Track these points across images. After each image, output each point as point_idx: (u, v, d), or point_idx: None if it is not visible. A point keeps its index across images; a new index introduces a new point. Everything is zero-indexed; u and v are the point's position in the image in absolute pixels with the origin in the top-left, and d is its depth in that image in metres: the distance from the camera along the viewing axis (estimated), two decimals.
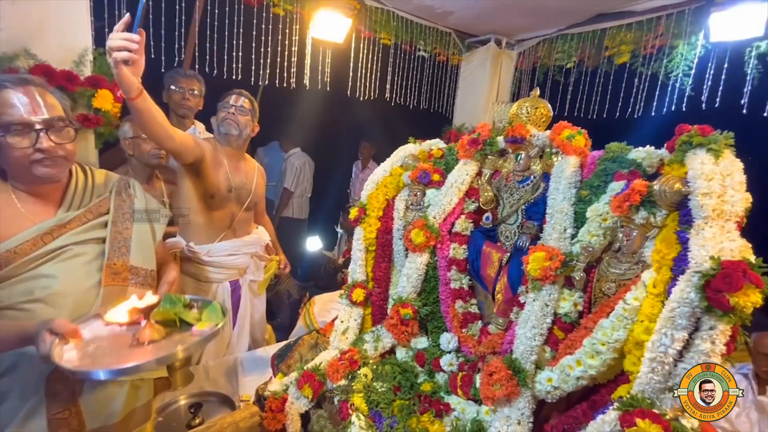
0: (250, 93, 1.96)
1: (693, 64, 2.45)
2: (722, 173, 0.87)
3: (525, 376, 1.04)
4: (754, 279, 0.72)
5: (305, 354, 1.59)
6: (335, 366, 1.38)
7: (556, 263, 1.07)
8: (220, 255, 1.89)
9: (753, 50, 2.23)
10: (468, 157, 1.50)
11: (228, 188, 1.89)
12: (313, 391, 1.34)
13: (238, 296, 1.99)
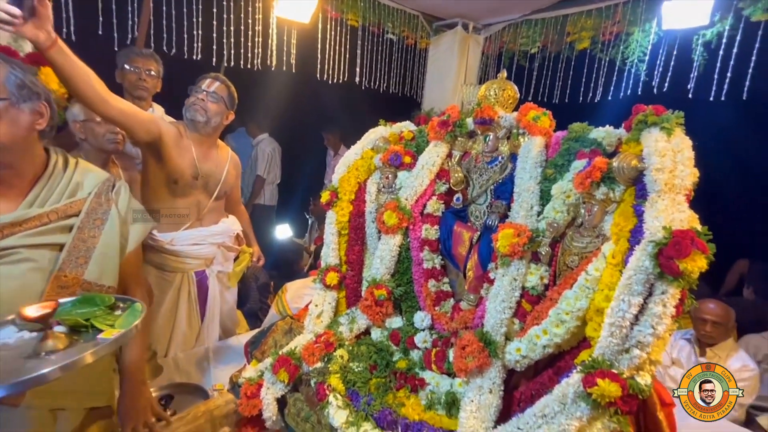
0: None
1: (647, 50, 2.58)
2: (673, 150, 0.93)
3: (495, 347, 1.08)
4: (700, 246, 0.79)
5: (280, 340, 1.58)
6: (311, 349, 1.38)
7: (524, 239, 1.11)
8: (184, 244, 1.82)
9: (699, 38, 2.38)
10: (438, 139, 1.52)
11: (194, 175, 1.81)
12: (289, 375, 1.33)
13: (205, 287, 1.94)
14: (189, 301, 1.88)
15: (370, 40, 3.12)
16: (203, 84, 1.82)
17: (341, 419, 1.16)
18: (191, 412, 1.28)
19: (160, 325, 1.84)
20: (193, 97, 1.81)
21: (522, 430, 0.95)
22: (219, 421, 1.33)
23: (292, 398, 1.36)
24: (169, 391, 1.57)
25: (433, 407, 1.18)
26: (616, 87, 2.70)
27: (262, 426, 1.36)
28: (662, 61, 2.53)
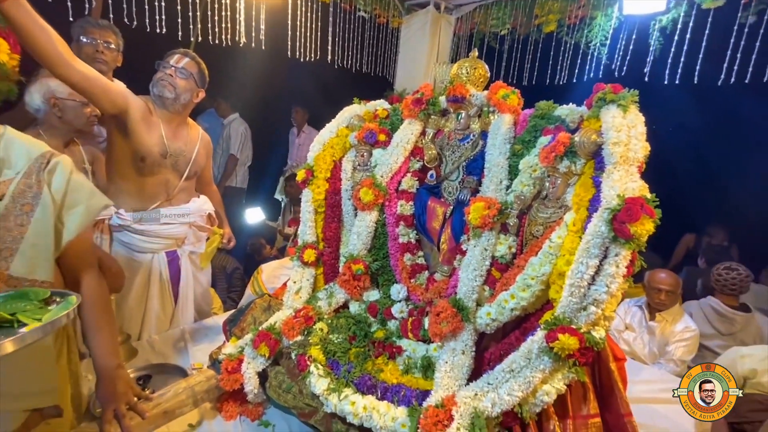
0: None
1: (608, 34, 2.69)
2: (628, 125, 1.01)
3: (468, 312, 1.16)
4: (649, 211, 0.87)
5: (259, 317, 1.60)
6: (290, 323, 1.41)
7: (494, 211, 1.18)
8: (154, 224, 1.78)
9: (656, 24, 2.51)
10: (412, 117, 1.55)
11: (162, 153, 1.76)
12: (269, 349, 1.36)
13: (177, 267, 1.91)
14: (161, 282, 1.85)
15: (342, 17, 3.06)
16: (172, 59, 1.75)
17: (323, 386, 1.21)
18: (172, 389, 1.29)
19: (132, 308, 1.81)
20: (160, 73, 1.74)
21: (492, 385, 1.03)
22: (200, 396, 1.35)
23: (273, 371, 1.39)
24: (147, 371, 1.56)
25: (410, 371, 1.25)
26: (581, 70, 2.82)
27: (244, 400, 1.40)
28: (622, 45, 2.65)
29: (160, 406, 1.25)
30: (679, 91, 2.61)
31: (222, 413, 1.39)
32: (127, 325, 1.81)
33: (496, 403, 0.99)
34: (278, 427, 1.36)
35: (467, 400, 1.01)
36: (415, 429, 1.04)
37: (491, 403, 1.00)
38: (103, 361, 1.14)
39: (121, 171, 1.71)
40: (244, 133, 4.15)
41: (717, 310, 2.61)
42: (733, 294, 2.55)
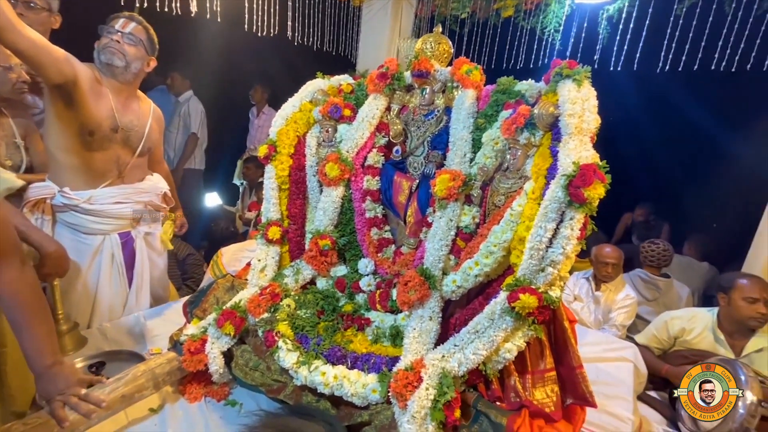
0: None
1: (562, 21, 2.81)
2: (582, 99, 1.07)
3: (434, 281, 1.20)
4: (600, 176, 0.94)
5: (222, 297, 1.55)
6: (256, 301, 1.38)
7: (459, 183, 1.22)
8: (105, 203, 1.65)
9: (604, 13, 2.65)
10: (377, 92, 1.54)
11: (112, 127, 1.62)
12: (234, 327, 1.33)
13: (131, 250, 1.79)
14: (113, 266, 1.73)
15: None
16: (117, 24, 1.60)
17: (292, 360, 1.21)
18: (130, 372, 1.23)
19: (81, 294, 1.68)
20: (106, 39, 1.58)
21: (458, 347, 1.08)
22: (162, 379, 1.29)
23: (239, 350, 1.36)
24: (100, 358, 1.47)
25: (379, 341, 1.28)
26: (536, 55, 2.93)
27: (208, 381, 1.36)
28: (574, 32, 2.79)
29: (117, 390, 1.18)
30: (623, 77, 2.80)
31: (185, 395, 1.34)
32: (76, 313, 1.68)
33: (462, 363, 1.04)
34: (246, 405, 1.34)
35: (435, 362, 1.06)
36: (385, 393, 1.07)
37: (458, 363, 1.05)
38: (36, 362, 1.04)
39: (65, 146, 1.56)
40: (203, 111, 3.92)
41: (643, 279, 2.90)
42: (657, 266, 2.84)
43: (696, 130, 3.64)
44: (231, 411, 1.30)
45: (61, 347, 1.48)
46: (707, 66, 2.43)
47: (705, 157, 3.72)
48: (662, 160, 3.92)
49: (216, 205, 4.34)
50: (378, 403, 1.10)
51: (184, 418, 1.27)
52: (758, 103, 2.17)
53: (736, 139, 3.06)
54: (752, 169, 2.39)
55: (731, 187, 3.14)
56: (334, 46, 3.50)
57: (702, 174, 3.76)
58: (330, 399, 1.18)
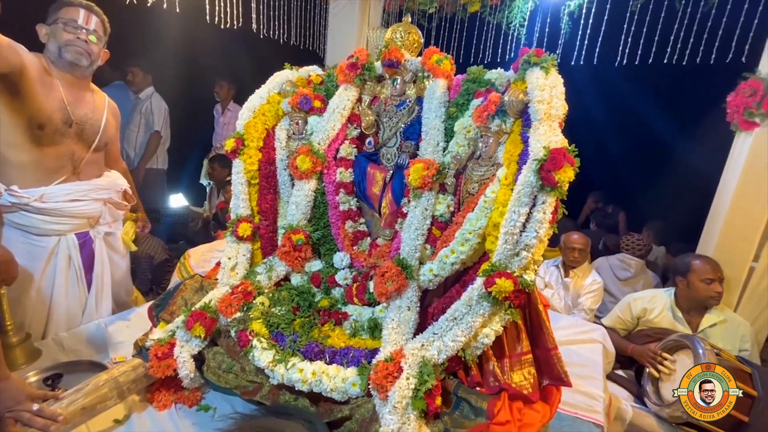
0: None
1: (526, 16, 2.88)
2: (550, 85, 1.10)
3: (411, 270, 1.19)
4: (570, 160, 0.97)
5: (190, 298, 1.48)
6: (228, 300, 1.33)
7: (433, 171, 1.21)
8: (60, 200, 1.52)
9: (566, 8, 2.74)
10: (348, 82, 1.52)
11: (65, 120, 1.50)
12: (205, 329, 1.27)
13: (90, 251, 1.67)
14: (70, 269, 1.61)
15: None
16: (77, 16, 1.48)
17: (267, 359, 1.17)
18: (91, 382, 1.14)
19: (34, 301, 1.55)
20: (69, 34, 1.47)
21: (437, 335, 1.08)
22: (127, 387, 1.21)
23: (211, 352, 1.30)
24: (57, 370, 1.36)
25: (357, 334, 1.26)
26: (503, 49, 2.99)
27: (178, 386, 1.29)
28: (538, 27, 2.87)
29: (77, 403, 1.10)
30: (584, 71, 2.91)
31: (154, 404, 1.27)
32: (29, 323, 1.55)
33: (441, 350, 1.04)
34: (220, 409, 1.28)
35: (415, 351, 1.05)
36: (366, 386, 1.05)
37: (437, 350, 1.04)
38: None
39: (13, 141, 1.42)
40: (166, 108, 3.72)
41: (621, 260, 3.05)
42: (636, 256, 3.01)
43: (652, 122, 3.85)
44: (204, 416, 1.24)
45: (10, 361, 1.37)
46: (660, 60, 2.57)
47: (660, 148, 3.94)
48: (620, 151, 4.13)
49: (182, 206, 4.16)
50: (358, 397, 1.08)
51: (153, 426, 1.20)
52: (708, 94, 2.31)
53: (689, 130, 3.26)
54: (703, 159, 2.55)
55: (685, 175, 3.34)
56: (302, 40, 3.42)
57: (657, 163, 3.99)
58: (308, 396, 1.15)
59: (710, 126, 2.45)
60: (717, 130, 2.36)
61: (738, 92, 2.20)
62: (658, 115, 3.72)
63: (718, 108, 2.30)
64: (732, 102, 2.24)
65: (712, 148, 2.46)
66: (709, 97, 2.30)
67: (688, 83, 2.73)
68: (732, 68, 2.23)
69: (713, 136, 2.46)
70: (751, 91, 2.13)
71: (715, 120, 2.34)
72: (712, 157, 2.45)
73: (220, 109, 4.26)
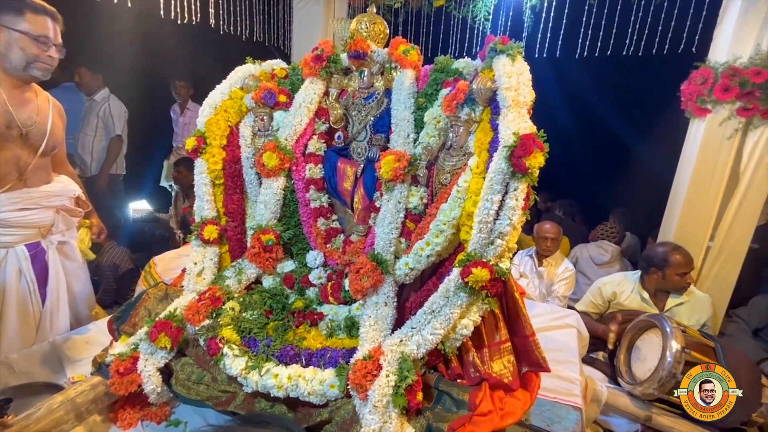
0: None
1: (490, 10, 2.92)
2: (517, 72, 1.09)
3: (387, 265, 1.16)
4: (539, 145, 0.96)
5: (154, 308, 1.39)
6: (195, 308, 1.25)
7: (404, 163, 1.19)
8: (6, 210, 1.40)
9: (528, 2, 2.80)
10: (314, 75, 1.47)
11: (8, 124, 1.38)
12: (171, 339, 1.20)
13: (43, 263, 1.54)
14: (21, 283, 1.48)
15: None
16: (48, 30, 1.40)
17: (240, 366, 1.11)
18: (44, 406, 1.05)
19: None
20: (34, 48, 1.38)
21: (415, 329, 1.05)
22: (86, 408, 1.12)
23: (179, 364, 1.23)
24: (5, 395, 1.24)
25: (334, 334, 1.22)
26: (469, 43, 3.02)
27: (145, 402, 1.21)
28: (502, 21, 2.91)
29: (28, 429, 1.01)
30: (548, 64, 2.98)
31: (118, 423, 1.18)
32: None
33: (420, 345, 1.02)
34: (191, 422, 1.21)
35: (394, 347, 1.02)
36: (344, 386, 1.02)
37: (416, 345, 1.02)
38: None
39: None
40: (126, 111, 3.51)
41: (598, 246, 3.16)
42: (612, 241, 3.11)
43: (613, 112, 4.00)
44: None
45: None
46: (619, 51, 2.66)
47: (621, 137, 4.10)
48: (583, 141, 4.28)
49: (145, 212, 3.96)
50: (337, 399, 1.05)
51: None
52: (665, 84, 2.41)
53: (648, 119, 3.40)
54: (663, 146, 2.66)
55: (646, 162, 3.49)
56: (266, 36, 3.32)
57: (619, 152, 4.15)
58: (286, 402, 1.10)
59: (667, 114, 2.57)
60: (674, 117, 2.47)
61: (690, 81, 2.31)
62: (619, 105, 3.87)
63: (674, 96, 2.40)
64: (685, 90, 2.35)
65: (670, 135, 2.57)
66: (667, 86, 2.41)
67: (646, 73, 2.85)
68: (685, 58, 2.34)
69: (671, 123, 2.57)
70: (703, 79, 2.24)
71: (671, 108, 2.45)
72: (670, 143, 2.56)
73: (178, 109, 4.07)
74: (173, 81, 3.91)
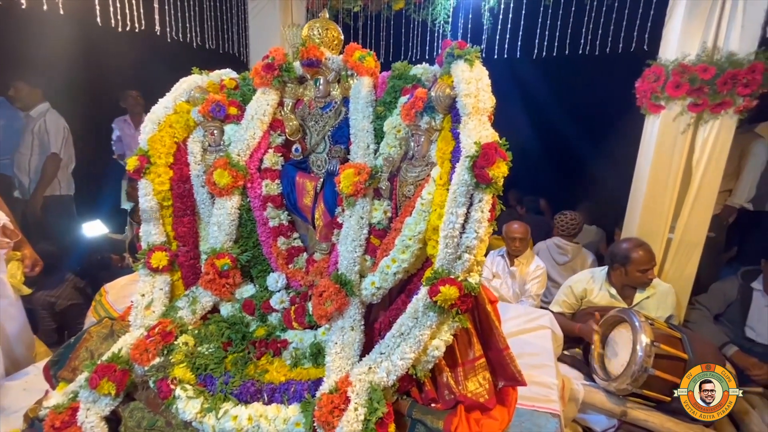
0: None
1: (450, 12, 2.91)
2: (475, 78, 1.05)
3: (351, 286, 1.09)
4: (502, 154, 0.92)
5: (97, 348, 1.25)
6: (142, 346, 1.14)
7: (365, 176, 1.12)
8: None
9: (486, 4, 2.81)
10: (265, 85, 1.38)
11: None
12: (115, 384, 1.08)
13: None
14: None
15: None
16: None
17: (194, 409, 1.01)
18: None
19: None
20: None
21: (384, 354, 0.99)
22: None
23: (127, 410, 1.11)
24: None
25: (299, 363, 1.13)
26: (430, 46, 3.00)
27: None
28: (462, 23, 2.91)
29: None
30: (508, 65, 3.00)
31: None
32: None
33: (390, 371, 0.95)
34: None
35: (362, 377, 0.95)
36: (311, 424, 0.94)
37: (386, 372, 0.96)
38: None
39: None
40: (66, 127, 3.24)
41: (557, 245, 3.18)
42: (568, 234, 3.13)
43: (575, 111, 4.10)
44: None
45: None
46: (575, 51, 2.71)
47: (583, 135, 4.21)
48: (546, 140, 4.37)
49: (100, 234, 3.68)
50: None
51: None
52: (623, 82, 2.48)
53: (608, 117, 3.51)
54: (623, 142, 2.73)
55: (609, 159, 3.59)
56: (220, 43, 3.17)
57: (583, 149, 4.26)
58: None
59: (626, 111, 2.63)
60: (631, 115, 2.54)
61: (644, 78, 2.37)
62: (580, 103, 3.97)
63: (631, 93, 2.46)
64: (639, 88, 2.41)
65: (630, 132, 2.64)
66: (624, 84, 2.47)
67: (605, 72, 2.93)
68: (640, 56, 2.40)
69: (629, 120, 2.64)
70: (655, 77, 2.30)
71: (629, 105, 2.51)
72: (630, 139, 2.63)
73: (130, 121, 3.81)
74: (124, 92, 3.67)
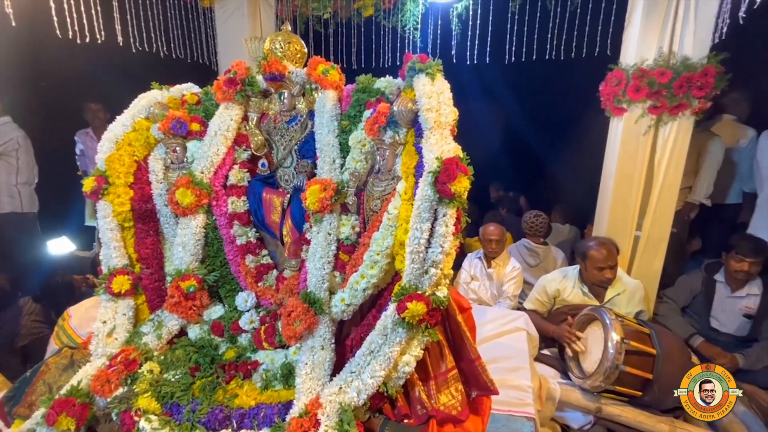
0: None
1: (419, 19, 2.93)
2: (437, 92, 1.06)
3: (321, 304, 1.07)
4: (463, 169, 0.93)
5: (56, 380, 1.19)
6: (104, 377, 1.09)
7: (330, 192, 1.11)
8: None
9: (454, 10, 2.84)
10: (228, 100, 1.35)
11: None
12: (75, 420, 1.03)
13: None
14: None
15: None
16: None
17: None
18: None
19: None
20: None
21: (354, 373, 0.98)
22: None
23: None
24: None
25: (270, 386, 1.11)
26: (401, 52, 3.01)
27: None
28: (431, 29, 2.93)
29: None
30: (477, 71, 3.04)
31: None
32: None
33: (361, 390, 0.95)
34: None
35: (332, 398, 0.94)
36: None
37: (356, 391, 0.95)
38: None
39: None
40: (22, 141, 3.09)
41: (527, 247, 3.23)
42: (537, 235, 3.19)
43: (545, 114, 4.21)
44: None
45: None
46: (542, 56, 2.78)
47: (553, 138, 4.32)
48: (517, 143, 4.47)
49: (67, 252, 3.52)
50: None
51: None
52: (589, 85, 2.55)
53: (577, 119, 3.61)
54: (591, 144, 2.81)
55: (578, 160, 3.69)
56: (187, 53, 3.10)
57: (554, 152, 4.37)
58: None
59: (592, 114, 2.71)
60: (597, 117, 2.62)
61: (607, 82, 2.45)
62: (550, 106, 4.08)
63: (596, 97, 2.54)
64: (603, 91, 2.49)
65: (597, 134, 2.72)
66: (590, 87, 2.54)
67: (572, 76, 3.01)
68: (603, 60, 2.48)
69: (596, 123, 2.72)
70: (617, 81, 2.38)
71: (595, 108, 2.59)
72: (597, 142, 2.71)
73: (93, 135, 3.67)
74: (87, 105, 3.53)
